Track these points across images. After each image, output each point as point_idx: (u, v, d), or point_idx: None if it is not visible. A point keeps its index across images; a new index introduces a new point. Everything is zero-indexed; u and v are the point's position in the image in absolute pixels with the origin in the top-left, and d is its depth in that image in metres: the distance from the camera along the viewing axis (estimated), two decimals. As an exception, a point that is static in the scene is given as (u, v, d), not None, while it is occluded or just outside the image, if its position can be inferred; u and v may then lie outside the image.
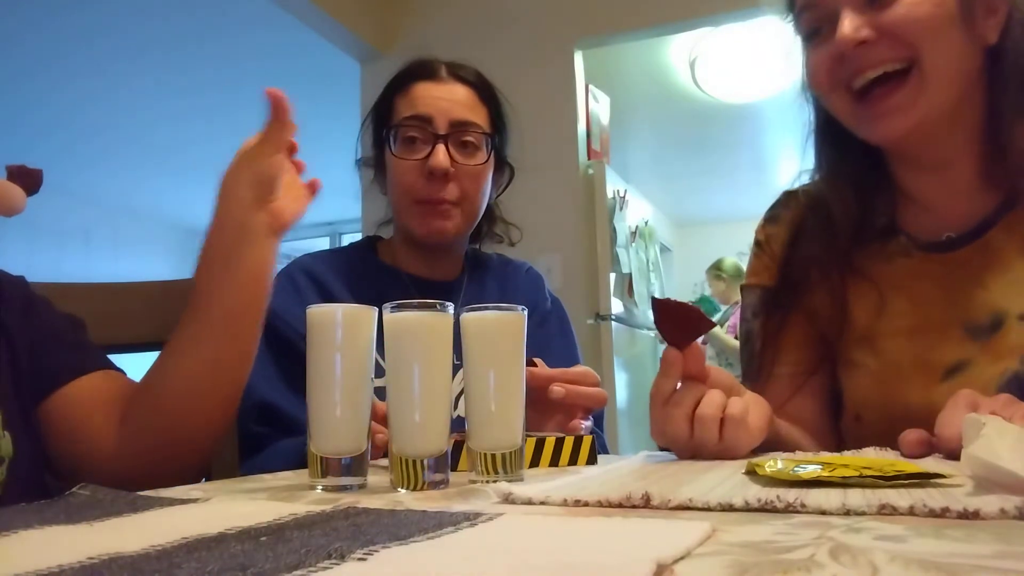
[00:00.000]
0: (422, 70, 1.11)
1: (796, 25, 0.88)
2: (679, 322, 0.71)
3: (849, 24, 0.78)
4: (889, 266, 0.88)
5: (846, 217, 0.89)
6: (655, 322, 0.72)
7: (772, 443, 0.76)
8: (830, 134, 0.91)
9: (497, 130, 1.14)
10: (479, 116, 1.10)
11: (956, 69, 0.79)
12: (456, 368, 0.62)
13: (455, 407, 0.91)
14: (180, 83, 3.89)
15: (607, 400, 0.90)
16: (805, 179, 0.98)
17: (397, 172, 1.09)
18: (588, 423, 0.91)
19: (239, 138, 0.75)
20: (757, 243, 1.01)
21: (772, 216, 1.00)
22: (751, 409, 0.71)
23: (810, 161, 0.95)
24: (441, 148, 1.06)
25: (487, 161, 1.10)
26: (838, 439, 0.91)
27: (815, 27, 0.83)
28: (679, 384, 0.71)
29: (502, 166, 1.18)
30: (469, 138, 1.08)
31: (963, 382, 0.75)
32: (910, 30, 0.77)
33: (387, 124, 1.11)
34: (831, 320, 0.91)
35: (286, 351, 0.98)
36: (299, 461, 0.83)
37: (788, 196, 1.00)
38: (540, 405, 0.84)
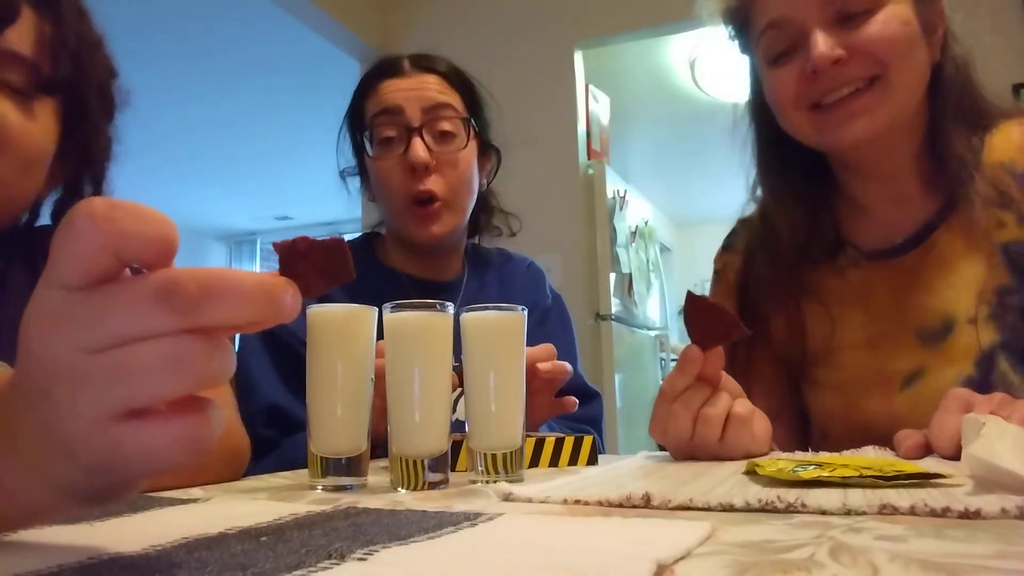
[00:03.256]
0: (386, 68, 1.08)
1: (752, 44, 0.89)
2: (709, 323, 0.68)
3: (824, 43, 0.79)
4: (842, 280, 0.90)
5: (794, 232, 0.90)
6: (684, 318, 0.69)
7: None
8: (776, 153, 0.92)
9: (474, 113, 1.10)
10: (452, 99, 1.07)
11: (916, 83, 0.82)
12: (455, 371, 0.62)
13: (454, 410, 0.91)
14: (181, 84, 3.88)
15: (570, 372, 0.87)
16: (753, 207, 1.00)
17: (379, 173, 1.07)
18: (572, 399, 0.91)
19: (240, 139, 0.74)
20: (716, 272, 1.02)
21: (727, 244, 1.03)
22: (756, 415, 0.71)
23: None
24: (417, 140, 1.02)
25: (467, 146, 1.07)
26: None
27: (781, 49, 0.84)
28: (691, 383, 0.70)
29: (486, 150, 1.15)
30: (445, 124, 1.05)
31: (921, 390, 0.76)
32: (882, 48, 0.78)
33: (362, 130, 1.09)
34: (791, 345, 0.92)
35: (286, 355, 0.97)
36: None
37: (742, 224, 1.02)
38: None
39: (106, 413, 0.27)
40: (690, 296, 0.69)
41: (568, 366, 0.87)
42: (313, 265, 0.33)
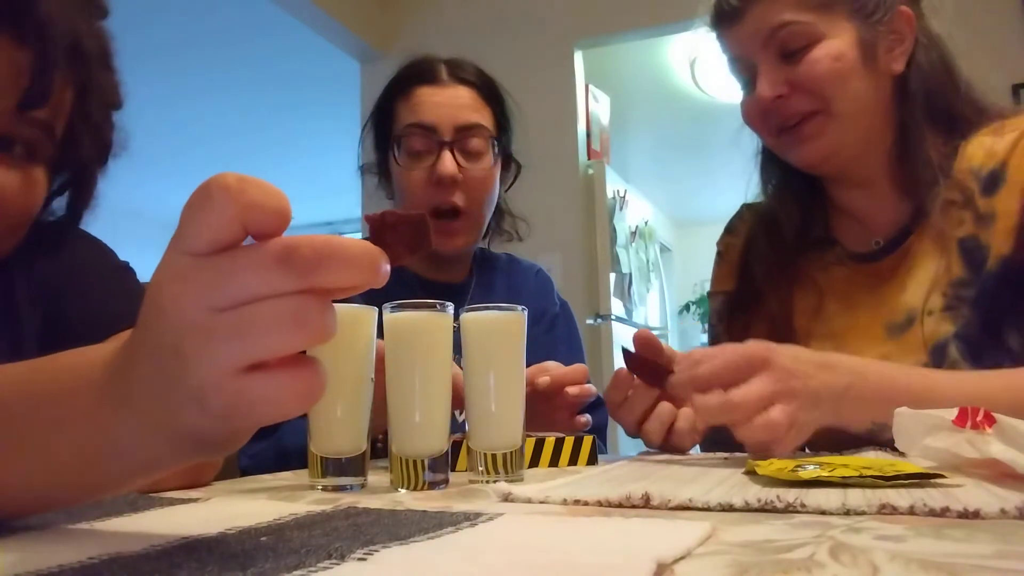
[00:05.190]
0: (423, 73, 1.10)
1: (730, 68, 0.97)
2: (649, 370, 0.77)
3: (766, 84, 0.87)
4: (827, 274, 0.97)
5: (790, 224, 0.98)
6: (630, 369, 0.78)
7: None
8: (775, 157, 0.99)
9: (502, 128, 1.13)
10: (484, 117, 1.09)
11: (862, 105, 0.87)
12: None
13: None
14: (181, 84, 3.89)
15: (593, 393, 0.90)
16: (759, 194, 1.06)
17: (404, 181, 1.08)
18: (586, 417, 0.91)
19: (241, 139, 0.72)
20: (719, 253, 1.09)
21: (730, 228, 1.10)
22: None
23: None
24: (447, 155, 1.04)
25: (494, 164, 1.09)
26: None
27: (746, 78, 0.93)
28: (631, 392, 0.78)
29: (508, 163, 1.17)
30: (476, 143, 1.07)
31: None
32: (815, 86, 0.86)
33: (389, 130, 1.10)
34: (781, 322, 0.97)
35: None
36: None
37: (744, 209, 1.09)
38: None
39: (232, 365, 0.29)
40: (626, 353, 0.78)
41: (594, 388, 0.89)
42: (399, 236, 0.35)
